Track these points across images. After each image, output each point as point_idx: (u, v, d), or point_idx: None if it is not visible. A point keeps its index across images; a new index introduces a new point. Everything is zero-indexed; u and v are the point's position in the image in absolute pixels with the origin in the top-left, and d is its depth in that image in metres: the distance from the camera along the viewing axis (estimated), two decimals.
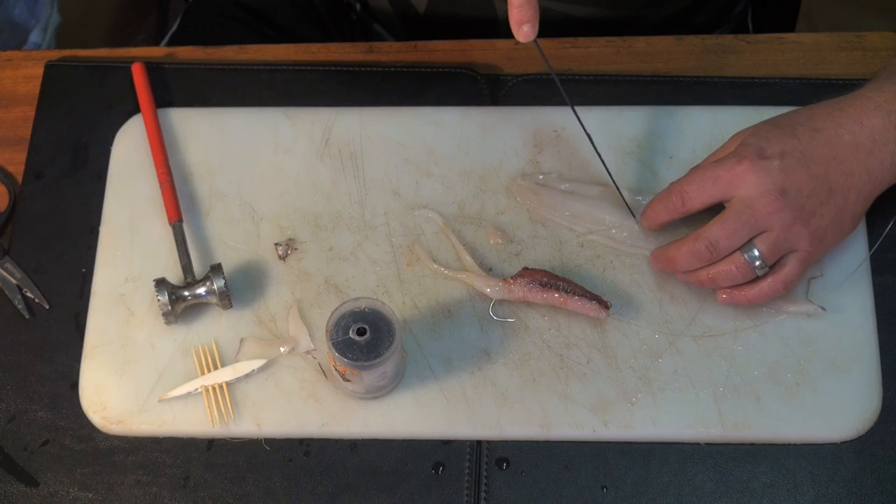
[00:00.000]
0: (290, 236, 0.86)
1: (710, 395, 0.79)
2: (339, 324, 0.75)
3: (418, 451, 0.79)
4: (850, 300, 0.81)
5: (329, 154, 0.89)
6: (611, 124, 0.88)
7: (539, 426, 0.78)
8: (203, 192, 0.88)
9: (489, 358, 0.81)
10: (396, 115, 0.90)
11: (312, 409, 0.80)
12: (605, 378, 0.80)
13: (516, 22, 0.77)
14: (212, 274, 0.81)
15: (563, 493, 0.77)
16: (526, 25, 0.76)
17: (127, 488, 0.79)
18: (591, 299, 0.80)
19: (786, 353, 0.80)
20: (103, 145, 0.90)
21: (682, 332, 0.81)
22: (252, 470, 0.79)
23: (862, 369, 0.79)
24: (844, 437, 0.78)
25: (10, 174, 0.90)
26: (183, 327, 0.83)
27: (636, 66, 0.92)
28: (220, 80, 0.92)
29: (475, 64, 0.93)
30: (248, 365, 0.81)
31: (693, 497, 0.77)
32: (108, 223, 0.87)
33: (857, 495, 0.76)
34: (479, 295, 0.83)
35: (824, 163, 0.76)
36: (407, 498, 0.78)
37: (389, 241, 0.85)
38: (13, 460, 0.80)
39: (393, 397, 0.80)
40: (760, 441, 0.78)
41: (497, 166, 0.88)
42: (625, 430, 0.78)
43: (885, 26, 0.93)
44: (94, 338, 0.83)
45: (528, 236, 0.85)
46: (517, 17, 0.76)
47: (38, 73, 0.93)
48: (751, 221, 0.75)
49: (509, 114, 0.89)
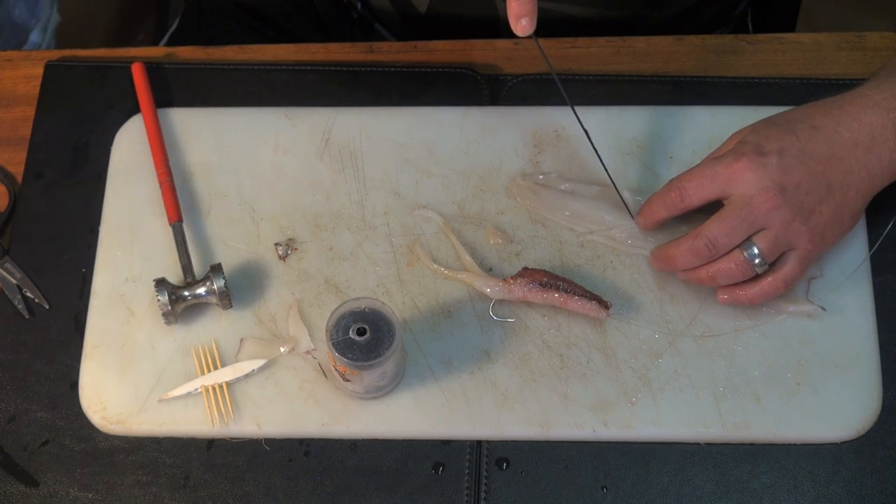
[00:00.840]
0: (289, 236, 0.86)
1: (710, 395, 0.79)
2: (339, 324, 0.75)
3: (418, 451, 0.79)
4: (850, 300, 0.81)
5: (329, 154, 0.89)
6: (611, 124, 0.88)
7: (539, 426, 0.78)
8: (203, 192, 0.88)
9: (489, 358, 0.81)
10: (396, 115, 0.90)
11: (312, 409, 0.80)
12: (605, 378, 0.80)
13: (515, 15, 0.76)
14: (212, 274, 0.81)
15: (563, 493, 0.77)
16: (524, 19, 0.76)
17: (127, 488, 0.79)
18: (591, 299, 0.80)
19: (786, 353, 0.80)
20: (103, 145, 0.90)
21: (682, 332, 0.81)
22: (252, 470, 0.79)
23: (862, 369, 0.79)
24: (844, 437, 0.78)
25: (10, 174, 0.90)
26: (183, 327, 0.83)
27: (636, 66, 0.92)
28: (220, 80, 0.92)
29: (475, 64, 0.93)
30: (248, 365, 0.81)
31: (693, 497, 0.77)
32: (108, 223, 0.87)
33: (857, 495, 0.76)
34: (479, 295, 0.83)
35: (823, 160, 0.76)
36: (407, 498, 0.78)
37: (389, 241, 0.85)
38: (13, 460, 0.80)
39: (393, 397, 0.80)
40: (760, 441, 0.78)
41: (497, 166, 0.88)
42: (625, 430, 0.78)
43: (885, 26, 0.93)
44: (94, 338, 0.83)
45: (528, 236, 0.85)
46: (516, 10, 0.76)
47: (38, 73, 0.93)
48: (749, 218, 0.75)
49: (509, 114, 0.89)
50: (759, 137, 0.77)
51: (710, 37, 0.94)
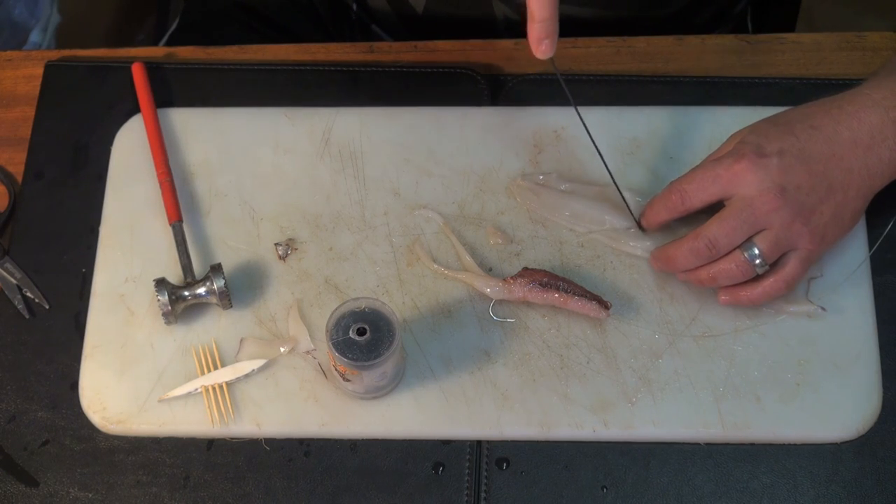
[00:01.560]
0: (289, 236, 0.86)
1: (710, 395, 0.79)
2: (339, 324, 0.75)
3: (418, 451, 0.79)
4: (850, 300, 0.81)
5: (329, 154, 0.89)
6: (611, 124, 0.88)
7: (539, 426, 0.78)
8: (203, 192, 0.88)
9: (489, 358, 0.81)
10: (396, 115, 0.90)
11: (312, 409, 0.80)
12: (605, 378, 0.80)
13: (536, 38, 0.75)
14: (212, 274, 0.81)
15: (563, 493, 0.77)
16: (546, 41, 0.75)
17: (127, 488, 0.79)
18: (591, 299, 0.80)
19: (786, 353, 0.80)
20: (103, 145, 0.90)
21: (682, 333, 0.81)
22: (252, 470, 0.79)
23: (862, 369, 0.79)
24: (844, 437, 0.78)
25: (10, 174, 0.90)
26: (183, 327, 0.83)
27: (636, 66, 0.92)
28: (220, 80, 0.92)
29: (475, 64, 0.93)
30: (248, 365, 0.81)
31: (693, 497, 0.77)
32: (108, 223, 0.87)
33: (857, 495, 0.76)
34: (479, 295, 0.83)
35: (823, 160, 0.76)
36: (407, 498, 0.78)
37: (389, 241, 0.85)
38: (13, 460, 0.80)
39: (393, 397, 0.80)
40: (760, 441, 0.78)
41: (497, 166, 0.88)
42: (625, 430, 0.78)
43: (885, 26, 0.93)
44: (94, 338, 0.83)
45: (528, 236, 0.85)
46: (538, 32, 0.75)
47: (38, 73, 0.93)
48: (750, 219, 0.75)
49: (509, 114, 0.89)
50: (759, 138, 0.77)
51: (710, 37, 0.94)
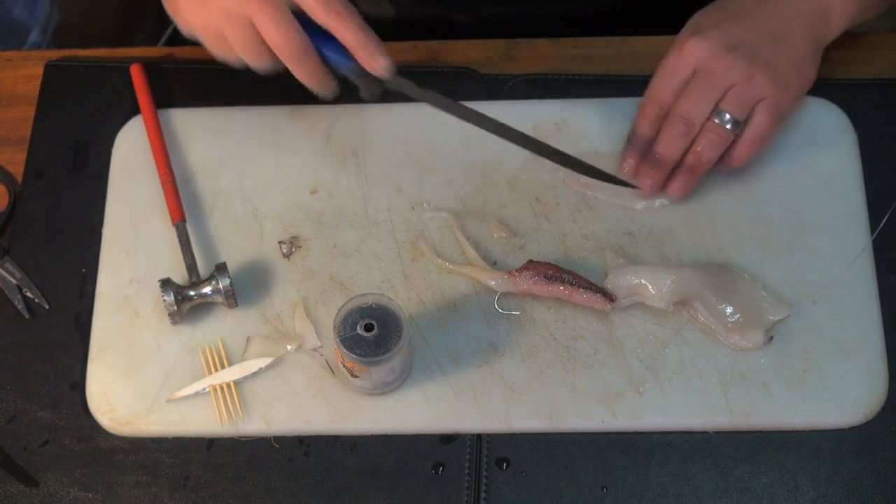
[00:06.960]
0: (293, 234, 0.86)
1: (717, 383, 0.79)
2: (346, 320, 0.75)
3: (418, 450, 0.79)
4: (853, 285, 0.82)
5: (330, 151, 0.89)
6: (611, 124, 0.89)
7: (548, 418, 0.79)
8: (205, 192, 0.87)
9: (496, 351, 0.81)
10: (397, 111, 0.90)
11: (321, 406, 0.79)
12: (612, 369, 0.80)
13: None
14: (217, 273, 0.81)
15: (563, 493, 0.77)
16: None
17: (127, 488, 0.78)
18: (596, 292, 0.80)
19: (792, 339, 0.80)
20: (103, 145, 0.90)
21: (687, 322, 0.81)
22: (252, 470, 0.79)
23: (867, 354, 0.80)
24: (852, 423, 0.78)
25: (10, 174, 0.90)
26: (189, 327, 0.82)
27: (636, 66, 0.92)
28: (219, 80, 0.92)
29: (475, 64, 0.93)
30: (255, 363, 0.81)
31: (693, 497, 0.77)
32: (111, 225, 0.86)
33: (857, 495, 0.76)
34: (484, 289, 0.83)
35: (756, 19, 0.82)
36: (407, 498, 0.77)
37: (393, 237, 0.85)
38: (13, 460, 0.79)
39: (401, 392, 0.80)
40: (768, 428, 0.78)
41: (499, 160, 0.88)
42: (633, 420, 0.78)
43: (885, 26, 0.93)
44: (99, 340, 0.82)
45: (531, 229, 0.85)
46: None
47: (38, 73, 0.93)
48: (711, 83, 0.80)
49: (509, 107, 0.89)
50: (690, 24, 0.84)
51: None
